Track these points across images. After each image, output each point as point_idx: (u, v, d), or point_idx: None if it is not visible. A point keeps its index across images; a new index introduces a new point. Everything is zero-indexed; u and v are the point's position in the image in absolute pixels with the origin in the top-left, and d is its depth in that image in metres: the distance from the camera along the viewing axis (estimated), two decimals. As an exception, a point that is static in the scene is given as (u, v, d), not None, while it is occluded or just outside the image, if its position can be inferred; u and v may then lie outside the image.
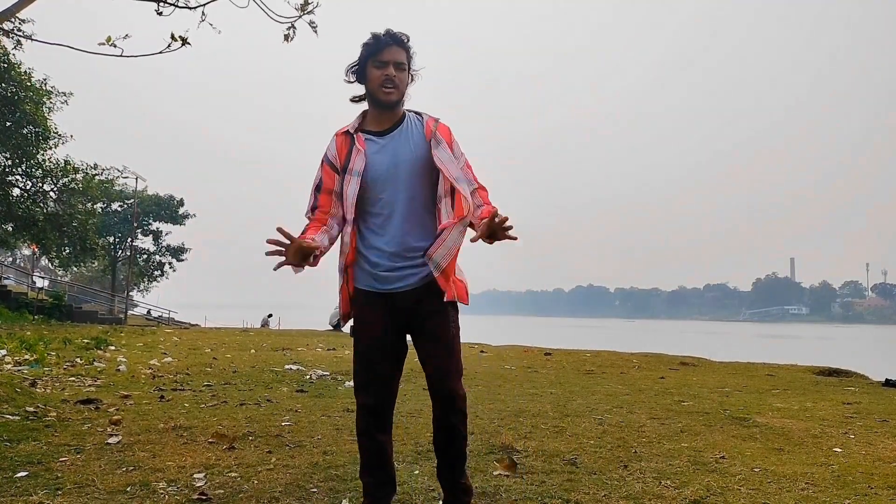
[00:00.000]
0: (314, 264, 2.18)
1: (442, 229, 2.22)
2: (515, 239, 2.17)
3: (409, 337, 2.38)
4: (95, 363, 7.76)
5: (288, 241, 2.07)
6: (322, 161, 2.33)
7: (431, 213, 2.29)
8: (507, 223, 2.08)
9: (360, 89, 2.31)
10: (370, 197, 2.25)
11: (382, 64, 2.18)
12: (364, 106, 2.34)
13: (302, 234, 2.20)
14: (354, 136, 2.27)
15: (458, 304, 2.33)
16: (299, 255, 2.09)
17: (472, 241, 2.16)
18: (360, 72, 2.24)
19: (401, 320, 2.28)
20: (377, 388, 2.29)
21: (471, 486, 2.41)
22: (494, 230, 2.09)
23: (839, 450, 3.76)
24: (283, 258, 2.09)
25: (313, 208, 2.31)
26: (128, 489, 2.80)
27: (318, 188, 2.31)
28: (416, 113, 2.35)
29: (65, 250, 22.14)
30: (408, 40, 2.24)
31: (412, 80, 2.28)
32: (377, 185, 2.23)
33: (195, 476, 3.00)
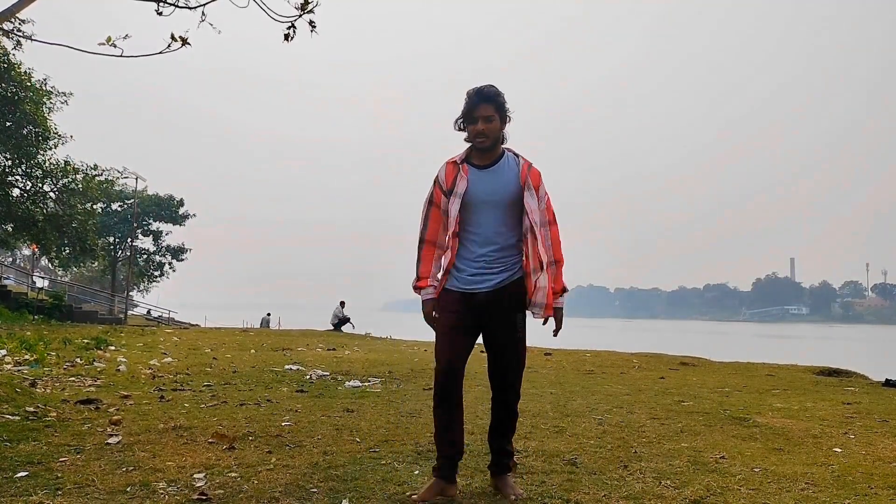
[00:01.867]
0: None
1: (528, 271, 2.79)
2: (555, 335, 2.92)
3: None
4: (95, 363, 7.76)
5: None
6: (434, 181, 2.89)
7: (515, 237, 2.82)
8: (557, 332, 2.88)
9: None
10: (467, 217, 2.78)
11: (474, 120, 2.72)
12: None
13: (421, 278, 2.85)
14: (461, 165, 2.81)
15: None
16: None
17: (544, 322, 2.85)
18: (463, 126, 2.79)
19: (476, 316, 2.77)
20: (448, 361, 2.78)
21: (513, 450, 3.00)
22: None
23: (839, 450, 3.76)
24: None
25: (423, 236, 2.89)
26: (128, 489, 2.79)
27: (430, 201, 2.89)
28: (514, 154, 2.85)
29: (65, 250, 22.13)
30: (496, 94, 2.73)
31: (509, 120, 2.78)
32: (474, 207, 2.77)
33: (195, 476, 3.00)
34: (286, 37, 4.42)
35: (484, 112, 2.70)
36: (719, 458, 3.52)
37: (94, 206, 23.99)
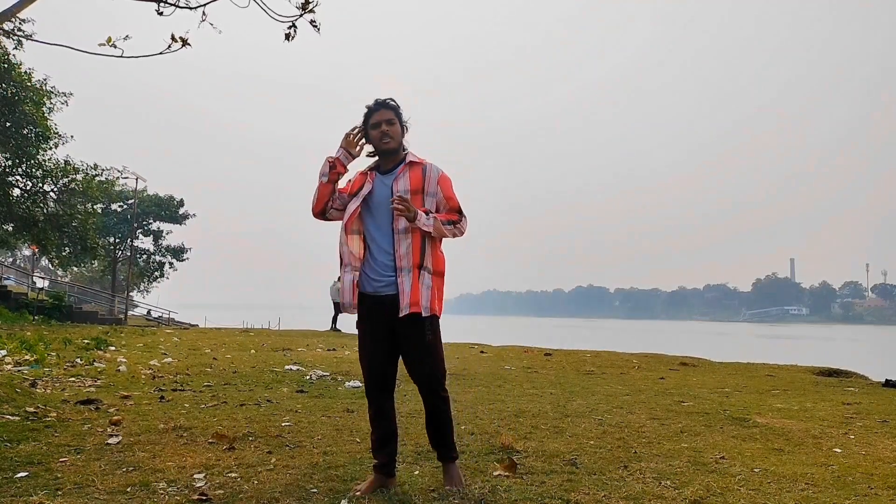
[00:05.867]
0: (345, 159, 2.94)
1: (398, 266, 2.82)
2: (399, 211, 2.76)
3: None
4: (95, 363, 7.76)
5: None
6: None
7: (419, 235, 2.85)
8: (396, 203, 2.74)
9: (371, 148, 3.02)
10: (372, 220, 2.89)
11: (376, 125, 2.90)
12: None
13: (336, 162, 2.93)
14: (368, 173, 2.98)
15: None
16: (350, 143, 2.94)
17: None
18: (366, 137, 2.96)
19: (390, 321, 2.82)
20: (371, 370, 2.91)
21: (455, 448, 2.99)
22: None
23: (839, 450, 3.76)
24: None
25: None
26: (128, 489, 2.80)
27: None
28: (412, 160, 2.94)
29: (65, 250, 22.11)
30: (393, 101, 2.94)
31: (406, 129, 2.98)
32: (376, 211, 2.89)
33: (195, 476, 3.01)
34: (287, 36, 4.42)
35: (384, 116, 2.89)
36: (719, 458, 3.52)
37: (95, 206, 23.98)
